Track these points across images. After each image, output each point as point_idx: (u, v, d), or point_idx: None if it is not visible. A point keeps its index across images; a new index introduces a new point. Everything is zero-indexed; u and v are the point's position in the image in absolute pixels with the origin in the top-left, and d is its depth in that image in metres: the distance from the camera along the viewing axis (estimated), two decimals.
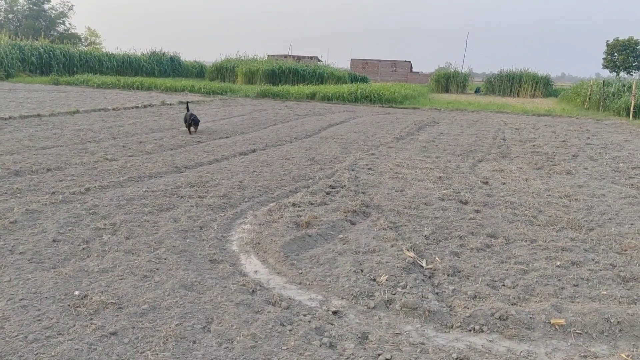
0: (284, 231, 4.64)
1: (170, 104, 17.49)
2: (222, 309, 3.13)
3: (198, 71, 44.78)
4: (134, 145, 8.85)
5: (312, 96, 23.37)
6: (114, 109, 14.81)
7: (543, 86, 38.32)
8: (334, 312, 3.24)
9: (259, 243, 4.44)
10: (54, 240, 4.14)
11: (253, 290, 3.46)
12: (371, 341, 2.88)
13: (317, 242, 4.53)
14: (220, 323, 2.96)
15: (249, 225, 4.95)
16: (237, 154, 8.66)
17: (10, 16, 63.47)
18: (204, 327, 2.92)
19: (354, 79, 37.63)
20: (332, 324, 3.06)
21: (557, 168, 8.52)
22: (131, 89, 24.68)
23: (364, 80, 38.87)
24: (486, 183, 7.18)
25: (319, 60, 51.84)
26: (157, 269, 3.68)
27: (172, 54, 43.54)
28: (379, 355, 2.72)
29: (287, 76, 33.92)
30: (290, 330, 2.92)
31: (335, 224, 4.97)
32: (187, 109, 11.40)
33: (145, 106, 16.29)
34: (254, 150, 9.11)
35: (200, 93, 24.05)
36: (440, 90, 40.43)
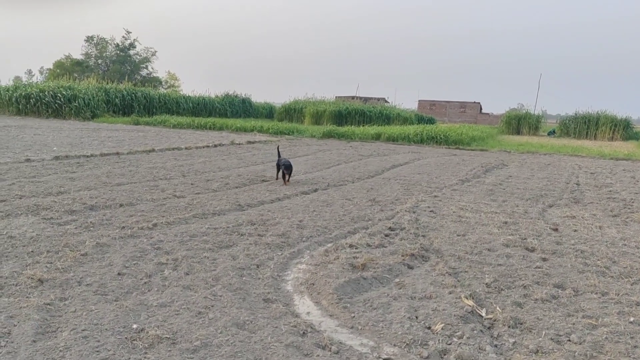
0: (339, 272, 4.62)
1: (239, 144, 18.13)
2: (271, 350, 3.13)
3: (268, 112, 46.30)
4: (201, 183, 9.21)
5: (377, 137, 23.46)
6: (186, 148, 15.55)
7: (622, 128, 36.36)
8: None
9: (313, 284, 4.44)
10: (118, 274, 4.34)
11: (304, 332, 3.45)
12: None
13: (372, 285, 4.46)
14: None
15: (305, 265, 4.97)
16: (299, 193, 8.79)
17: (99, 61, 69.04)
18: None
19: (420, 120, 37.52)
20: None
21: (635, 216, 7.98)
22: (204, 129, 25.87)
23: (430, 121, 38.65)
24: (556, 230, 6.83)
25: (386, 102, 52.20)
26: (212, 306, 3.76)
27: (244, 96, 45.41)
28: None
29: (353, 117, 34.36)
30: None
31: (392, 268, 4.89)
32: (279, 155, 10.32)
33: (215, 145, 16.98)
34: (315, 190, 9.21)
35: (268, 133, 24.80)
36: (511, 132, 39.36)
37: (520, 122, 40.00)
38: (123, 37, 68.53)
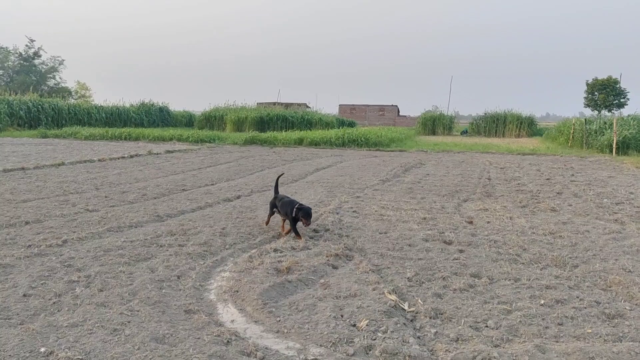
0: (263, 278, 4.54)
1: (157, 153, 17.50)
2: None
3: (187, 120, 45.15)
4: (116, 195, 8.77)
5: (299, 142, 23.55)
6: (99, 160, 14.78)
7: (527, 126, 39.04)
8: None
9: (237, 291, 4.33)
10: (24, 295, 4.02)
11: (228, 341, 3.34)
12: None
13: (297, 288, 4.43)
14: None
15: (229, 273, 4.85)
16: (221, 200, 8.60)
17: (0, 72, 64.19)
18: None
19: (341, 123, 38.14)
20: None
21: (542, 205, 8.53)
22: (119, 139, 24.75)
23: (351, 124, 39.42)
24: (471, 223, 7.15)
25: (308, 107, 52.59)
26: (129, 322, 3.56)
27: (161, 104, 44.02)
28: None
29: (275, 123, 34.32)
30: None
31: (317, 269, 4.88)
32: (277, 190, 6.92)
33: (131, 156, 16.28)
34: (238, 197, 9.06)
35: (188, 142, 24.16)
36: (427, 132, 41.06)
37: (435, 123, 41.86)
38: (26, 45, 64.11)
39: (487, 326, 3.68)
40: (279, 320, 3.72)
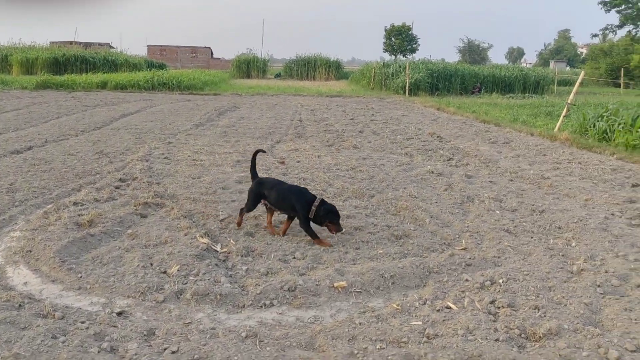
0: (61, 234, 4.16)
1: None
2: None
3: None
4: None
5: (103, 85, 21.58)
6: None
7: (335, 69, 41.24)
8: (119, 313, 3.01)
9: (30, 251, 3.91)
10: None
11: (20, 305, 3.03)
12: (158, 336, 2.74)
13: (101, 241, 4.16)
14: None
15: (20, 232, 4.34)
16: (8, 153, 7.55)
17: None
18: None
19: (151, 66, 35.73)
20: (115, 327, 2.83)
21: (346, 144, 9.21)
22: None
23: (161, 67, 37.20)
24: (283, 163, 7.42)
25: (112, 47, 48.08)
26: None
27: None
28: (165, 349, 2.59)
29: (73, 64, 30.77)
30: (63, 342, 2.61)
31: (124, 220, 4.64)
32: (255, 174, 4.79)
33: None
34: (29, 148, 8.03)
35: None
36: (242, 76, 40.81)
37: (249, 66, 41.76)
38: None
39: (294, 258, 3.92)
40: (81, 277, 3.47)
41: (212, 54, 63.47)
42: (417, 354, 2.62)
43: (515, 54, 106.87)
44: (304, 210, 4.17)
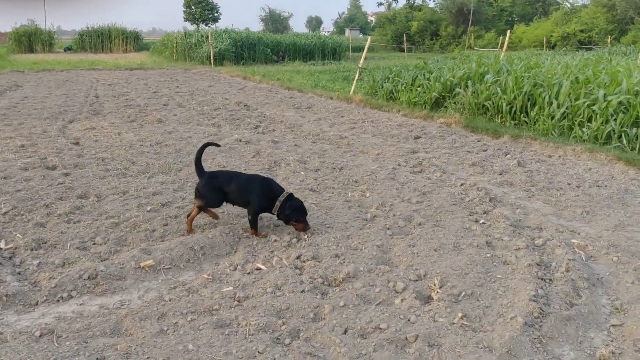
0: None
1: None
2: None
3: None
4: None
5: None
6: None
7: (134, 40, 38.58)
8: None
9: None
10: None
11: None
12: None
13: None
14: None
15: None
16: None
17: None
18: None
19: None
20: None
21: (149, 118, 8.75)
22: None
23: None
24: (77, 144, 6.76)
25: None
26: None
27: None
28: None
29: None
30: None
31: None
32: (200, 166, 4.04)
33: None
34: None
35: None
36: (23, 50, 35.75)
37: (32, 40, 36.74)
38: None
39: (95, 243, 3.64)
40: None
41: None
42: (229, 318, 2.66)
43: (314, 23, 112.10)
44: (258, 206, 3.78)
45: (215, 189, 3.83)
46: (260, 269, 3.25)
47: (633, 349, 2.50)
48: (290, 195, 3.81)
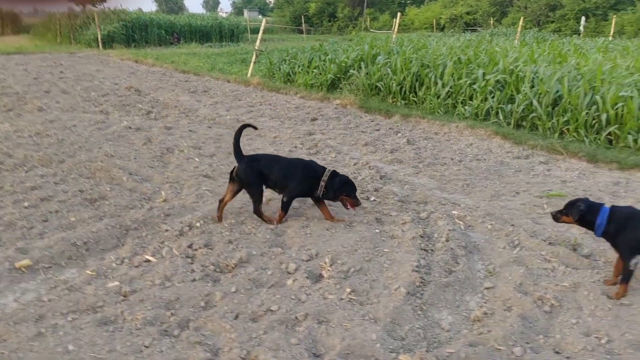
0: None
1: None
2: None
3: None
4: None
5: None
6: None
7: (11, 22, 35.27)
8: None
9: None
10: None
11: None
12: None
13: None
14: None
15: None
16: None
17: None
18: None
19: None
20: None
21: (28, 107, 8.08)
22: None
23: None
24: None
25: None
26: None
27: None
28: None
29: None
30: None
31: None
32: (239, 150, 3.88)
33: None
34: None
35: None
36: None
37: None
38: None
39: None
40: None
41: None
42: (113, 314, 2.57)
43: (212, 3, 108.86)
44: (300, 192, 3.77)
45: (255, 172, 3.70)
46: (149, 260, 3.16)
47: (502, 308, 2.74)
48: (334, 172, 3.73)
